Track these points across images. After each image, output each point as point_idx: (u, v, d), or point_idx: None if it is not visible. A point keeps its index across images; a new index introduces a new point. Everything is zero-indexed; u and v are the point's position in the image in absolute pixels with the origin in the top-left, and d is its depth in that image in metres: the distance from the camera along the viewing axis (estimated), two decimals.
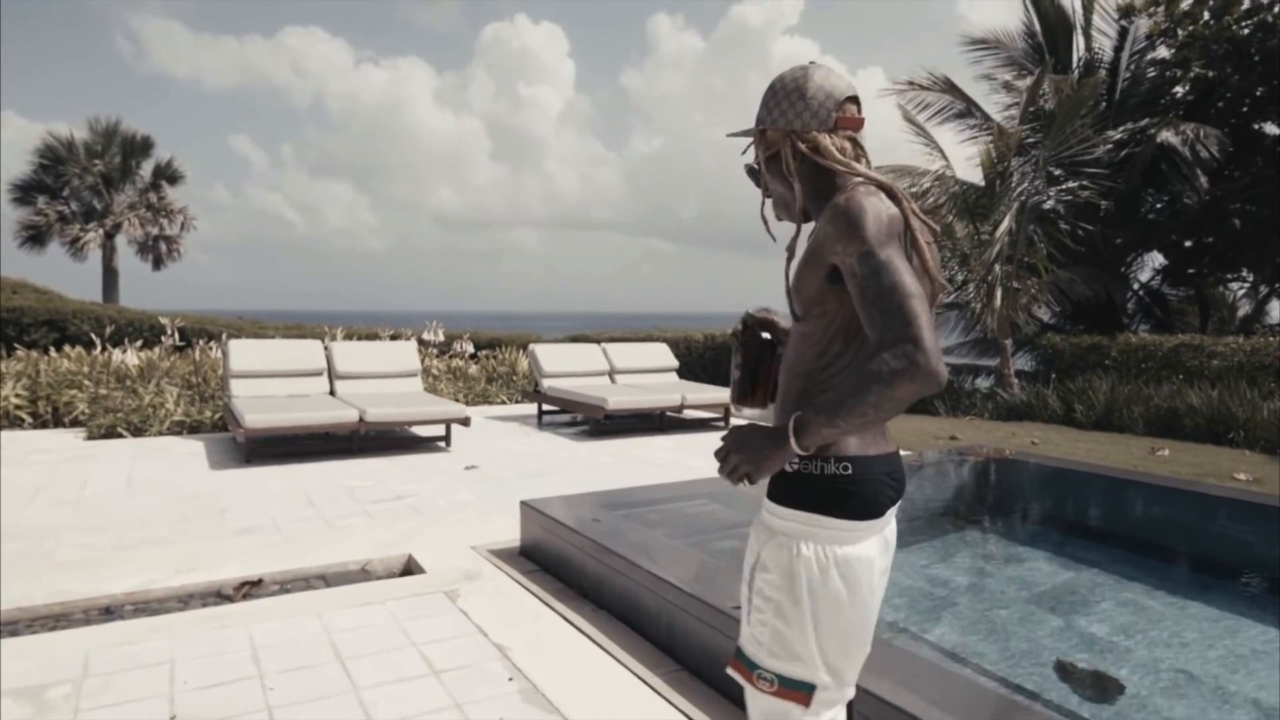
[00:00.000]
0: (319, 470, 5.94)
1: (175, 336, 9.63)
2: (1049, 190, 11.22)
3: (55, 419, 7.76)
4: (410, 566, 3.84)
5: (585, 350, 8.95)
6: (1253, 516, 4.09)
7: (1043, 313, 12.57)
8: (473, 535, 4.21)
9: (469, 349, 11.23)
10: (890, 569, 1.51)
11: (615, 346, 9.17)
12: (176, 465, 6.01)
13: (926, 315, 1.22)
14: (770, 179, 1.52)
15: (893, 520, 1.49)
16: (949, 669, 2.67)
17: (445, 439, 6.98)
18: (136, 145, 24.80)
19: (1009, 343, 10.68)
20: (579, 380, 8.48)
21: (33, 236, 23.64)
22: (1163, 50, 13.72)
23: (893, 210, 1.34)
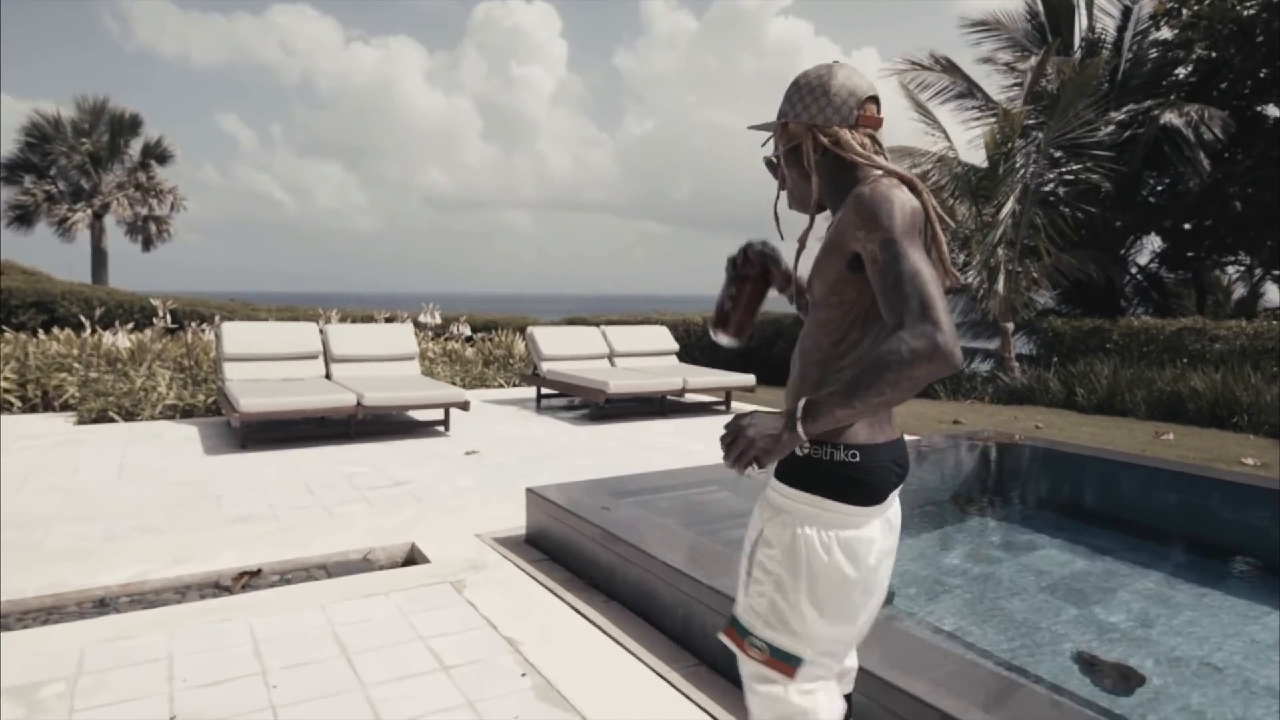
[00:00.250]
0: (316, 455, 5.83)
1: (167, 319, 9.46)
2: (1052, 172, 11.09)
3: (45, 403, 7.61)
4: (413, 556, 3.74)
5: (584, 333, 8.84)
6: (1267, 502, 4.02)
7: (1041, 296, 12.49)
8: (476, 523, 4.12)
9: (465, 332, 11.09)
10: (895, 551, 1.52)
11: (615, 329, 9.05)
12: (170, 450, 5.90)
13: (945, 301, 1.26)
14: (789, 171, 1.56)
15: (896, 502, 1.52)
16: (952, 650, 2.60)
17: (444, 423, 6.87)
18: (125, 124, 24.42)
19: (1010, 326, 10.61)
20: (578, 364, 8.37)
21: (20, 217, 23.30)
22: (1165, 31, 13.58)
23: (915, 203, 1.37)
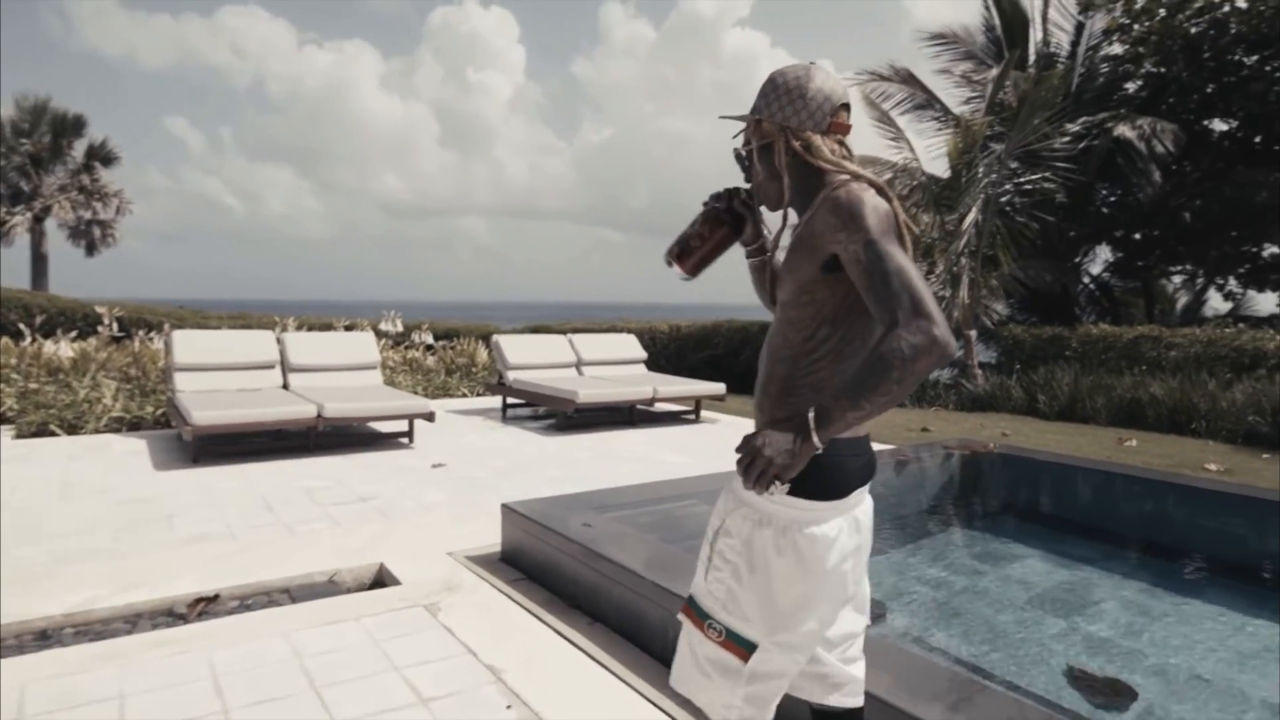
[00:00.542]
0: (274, 470, 5.58)
1: (113, 326, 9.06)
2: (1013, 182, 11.27)
3: None
4: (382, 577, 3.56)
5: (551, 341, 8.68)
6: (1243, 509, 4.05)
7: (1000, 305, 12.68)
8: (447, 540, 3.95)
9: (428, 340, 10.84)
10: (865, 551, 1.56)
11: (582, 337, 8.91)
12: (117, 466, 5.59)
13: (931, 295, 1.29)
14: (759, 167, 1.56)
15: (866, 501, 1.56)
16: (912, 651, 2.53)
17: (408, 435, 6.65)
18: (68, 124, 23.56)
19: (973, 333, 10.73)
20: (545, 372, 8.21)
21: None
22: (1116, 46, 13.95)
23: (887, 206, 1.41)
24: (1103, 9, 13.52)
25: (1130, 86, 14.07)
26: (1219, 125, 14.02)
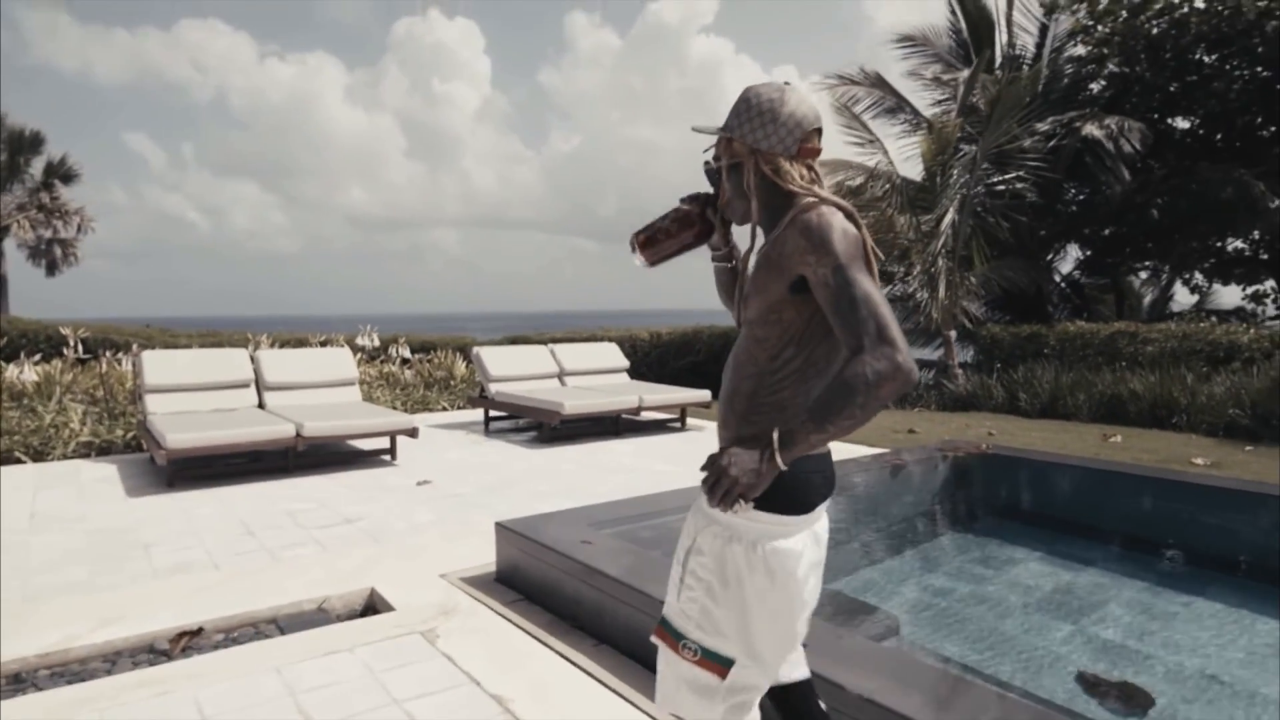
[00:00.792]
0: (253, 493, 5.41)
1: (78, 348, 8.78)
2: (987, 182, 11.37)
3: None
4: (374, 603, 3.43)
5: (533, 352, 8.56)
6: (1242, 504, 4.05)
7: (976, 305, 12.77)
8: (440, 562, 3.82)
9: (405, 353, 10.66)
10: (823, 564, 1.58)
11: (564, 347, 8.80)
12: (88, 493, 5.38)
13: (896, 322, 1.32)
14: (729, 184, 1.58)
15: (824, 516, 1.58)
16: (895, 650, 2.47)
17: (390, 452, 6.49)
18: (25, 141, 22.96)
19: (953, 334, 10.78)
20: (528, 384, 8.09)
21: None
22: (1079, 48, 14.16)
23: (856, 232, 1.42)
24: (1066, 10, 13.72)
25: (1094, 87, 14.29)
26: (1181, 124, 14.29)
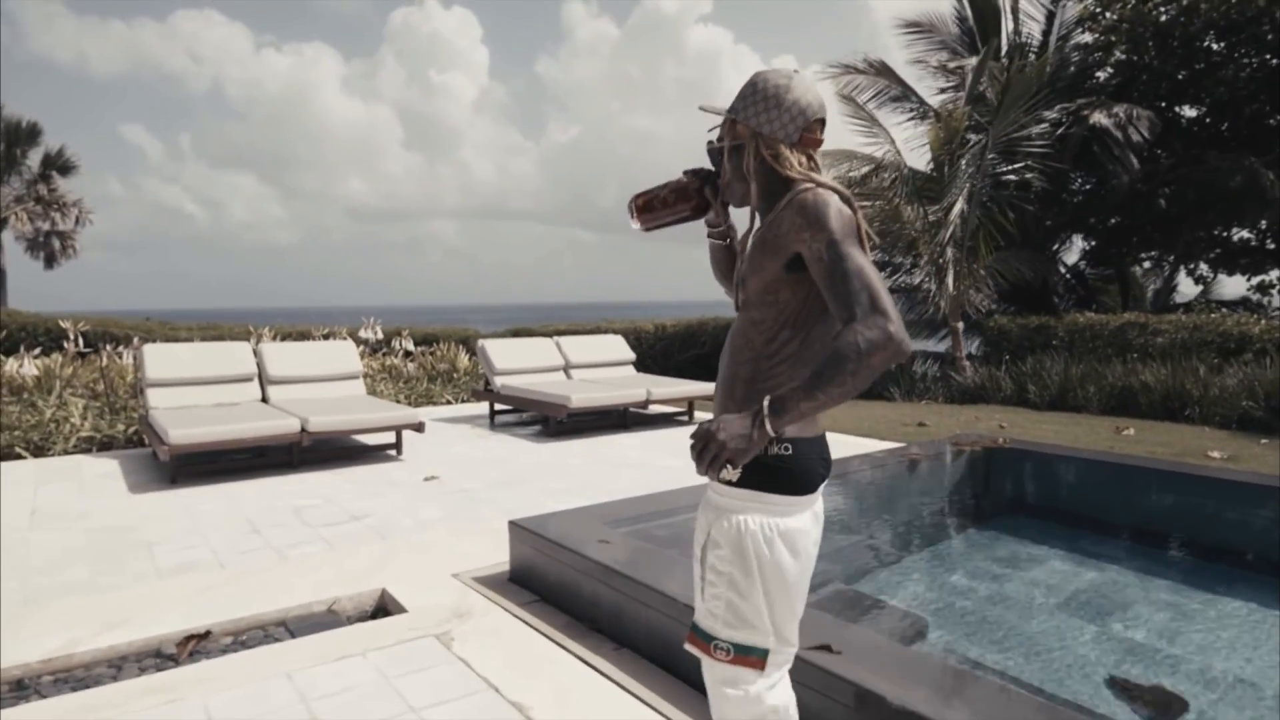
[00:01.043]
0: (258, 489, 5.33)
1: (78, 341, 8.69)
2: (994, 172, 11.24)
3: None
4: (386, 604, 3.35)
5: (538, 345, 8.47)
6: (1264, 500, 3.97)
7: (984, 297, 12.67)
8: (451, 561, 3.74)
9: (408, 346, 10.57)
10: (819, 541, 1.61)
11: (569, 340, 8.71)
12: (90, 490, 5.30)
13: (889, 296, 1.34)
14: (730, 165, 1.60)
15: (821, 497, 1.61)
16: (895, 644, 2.39)
17: (396, 447, 6.41)
18: (22, 133, 22.80)
19: (960, 325, 10.69)
20: (534, 377, 8.00)
21: None
22: (1086, 35, 14.01)
23: (850, 213, 1.46)
24: None
25: (1101, 75, 14.15)
26: (1189, 112, 14.16)
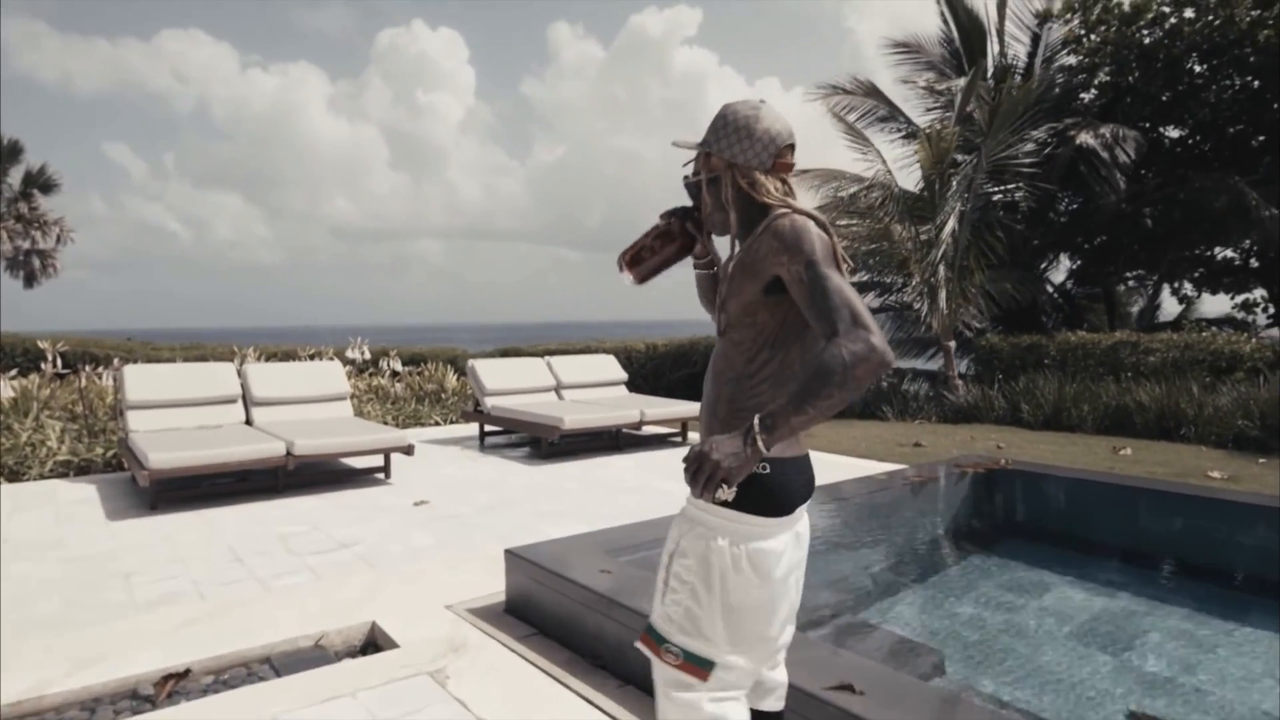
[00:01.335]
0: (241, 515, 5.16)
1: (56, 362, 8.48)
2: (983, 191, 11.28)
3: None
4: (376, 638, 3.20)
5: (529, 365, 8.35)
6: (1272, 521, 3.89)
7: (975, 316, 12.66)
8: (443, 591, 3.60)
9: (395, 366, 10.41)
10: (804, 564, 1.65)
11: (560, 360, 8.59)
12: (66, 517, 5.11)
13: (868, 310, 1.37)
14: (708, 197, 1.65)
15: (805, 517, 1.64)
16: (881, 668, 2.27)
17: (384, 470, 6.25)
18: (3, 151, 22.52)
19: (952, 344, 10.66)
20: (525, 398, 7.87)
21: None
22: (1070, 57, 14.16)
23: (826, 238, 1.49)
24: (1060, 19, 13.72)
25: (1086, 96, 14.29)
26: (1173, 133, 14.31)
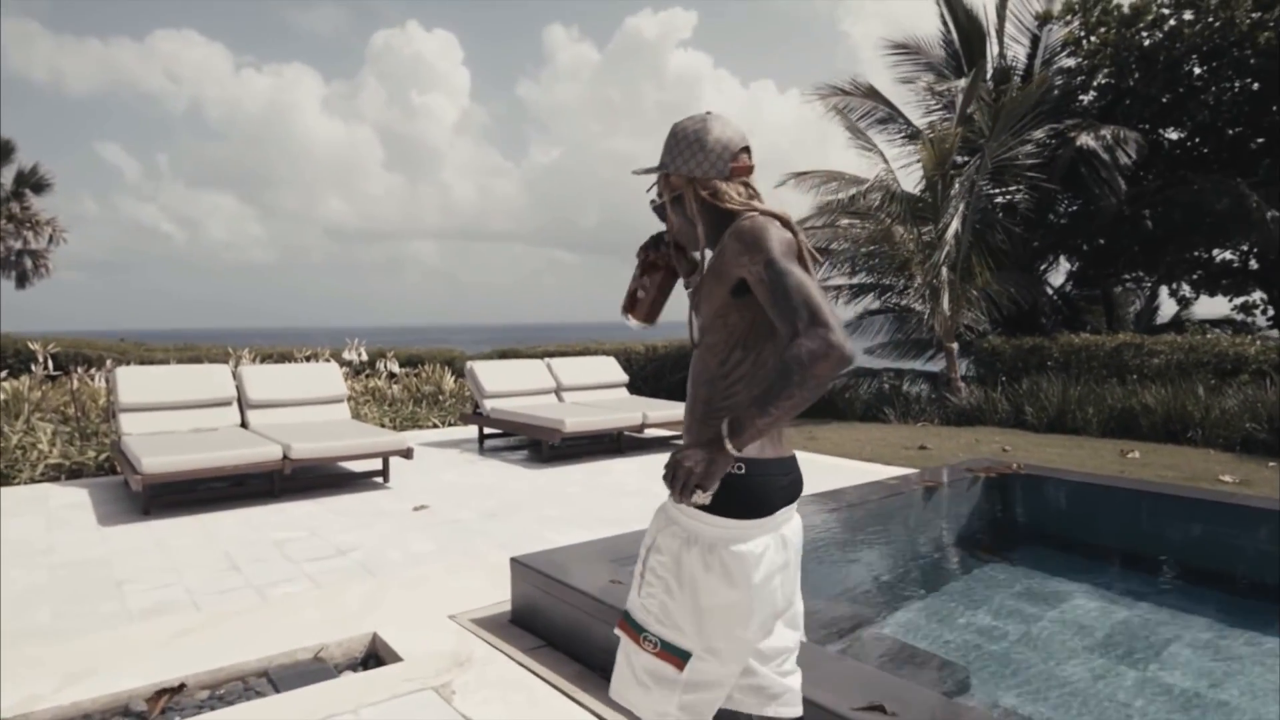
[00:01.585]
0: (236, 520, 5.04)
1: (48, 364, 8.34)
2: (986, 193, 11.22)
3: None
4: (378, 650, 3.09)
5: (528, 367, 8.24)
6: None
7: (976, 317, 12.58)
8: (446, 600, 3.49)
9: (393, 368, 10.29)
10: (793, 567, 1.62)
11: (560, 362, 8.48)
12: (57, 522, 4.99)
13: (830, 306, 1.37)
14: (674, 218, 1.67)
15: (794, 520, 1.63)
16: (879, 672, 2.18)
17: (383, 474, 6.13)
18: None
19: (955, 346, 10.59)
20: (525, 400, 7.77)
21: None
22: (1069, 59, 14.12)
23: (788, 235, 1.51)
24: (1060, 21, 13.68)
25: (1085, 98, 14.25)
26: (1172, 135, 14.28)
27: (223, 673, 2.85)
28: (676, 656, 1.53)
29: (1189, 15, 12.86)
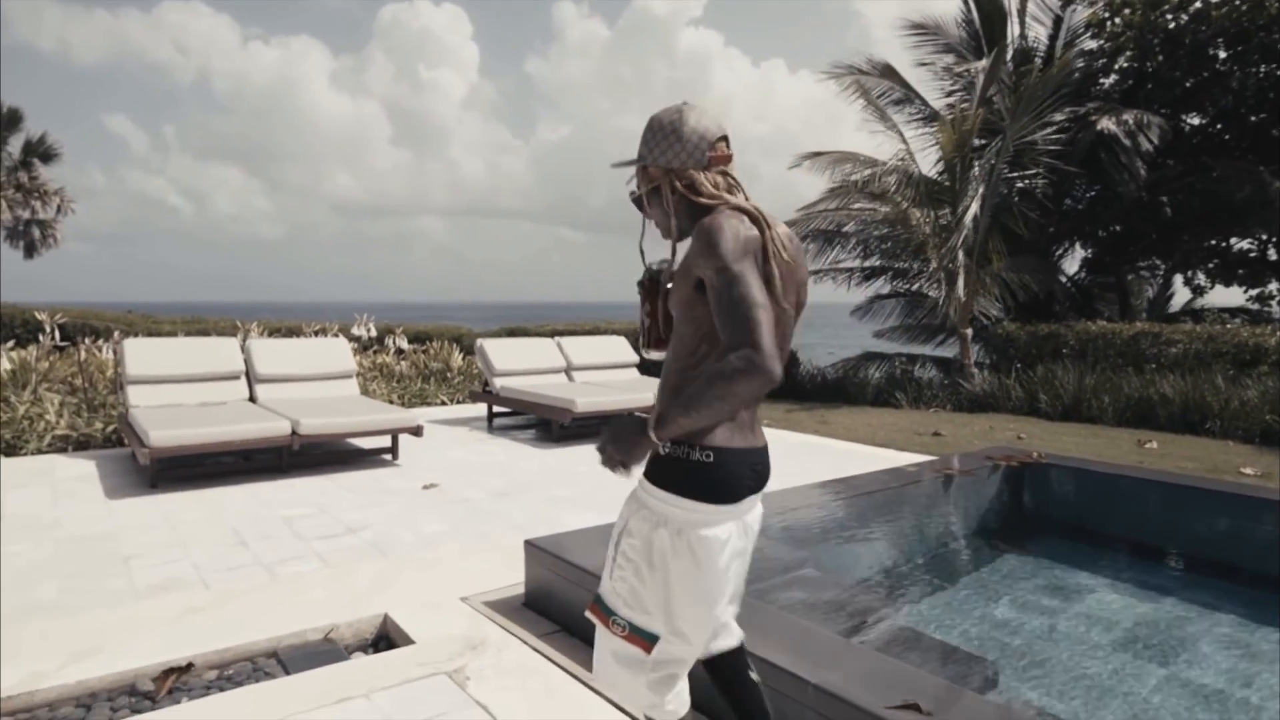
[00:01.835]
0: (245, 495, 4.99)
1: (55, 334, 8.29)
2: (1005, 177, 11.03)
3: None
4: (389, 632, 3.03)
5: (538, 345, 8.15)
6: None
7: (992, 302, 12.42)
8: (458, 581, 3.43)
9: (402, 344, 10.21)
10: (749, 553, 1.68)
11: (571, 341, 8.39)
12: (63, 494, 4.94)
13: (768, 323, 1.39)
14: (651, 208, 1.68)
15: (757, 508, 1.67)
16: (872, 652, 2.11)
17: (392, 451, 6.07)
18: (2, 119, 22.21)
19: (969, 332, 10.46)
20: (535, 379, 7.69)
21: None
22: (1091, 42, 13.85)
23: (751, 232, 1.50)
24: (1084, 2, 13.39)
25: (1106, 81, 13.99)
26: (1194, 120, 14.03)
27: (231, 652, 2.79)
28: (644, 639, 1.57)
29: None
